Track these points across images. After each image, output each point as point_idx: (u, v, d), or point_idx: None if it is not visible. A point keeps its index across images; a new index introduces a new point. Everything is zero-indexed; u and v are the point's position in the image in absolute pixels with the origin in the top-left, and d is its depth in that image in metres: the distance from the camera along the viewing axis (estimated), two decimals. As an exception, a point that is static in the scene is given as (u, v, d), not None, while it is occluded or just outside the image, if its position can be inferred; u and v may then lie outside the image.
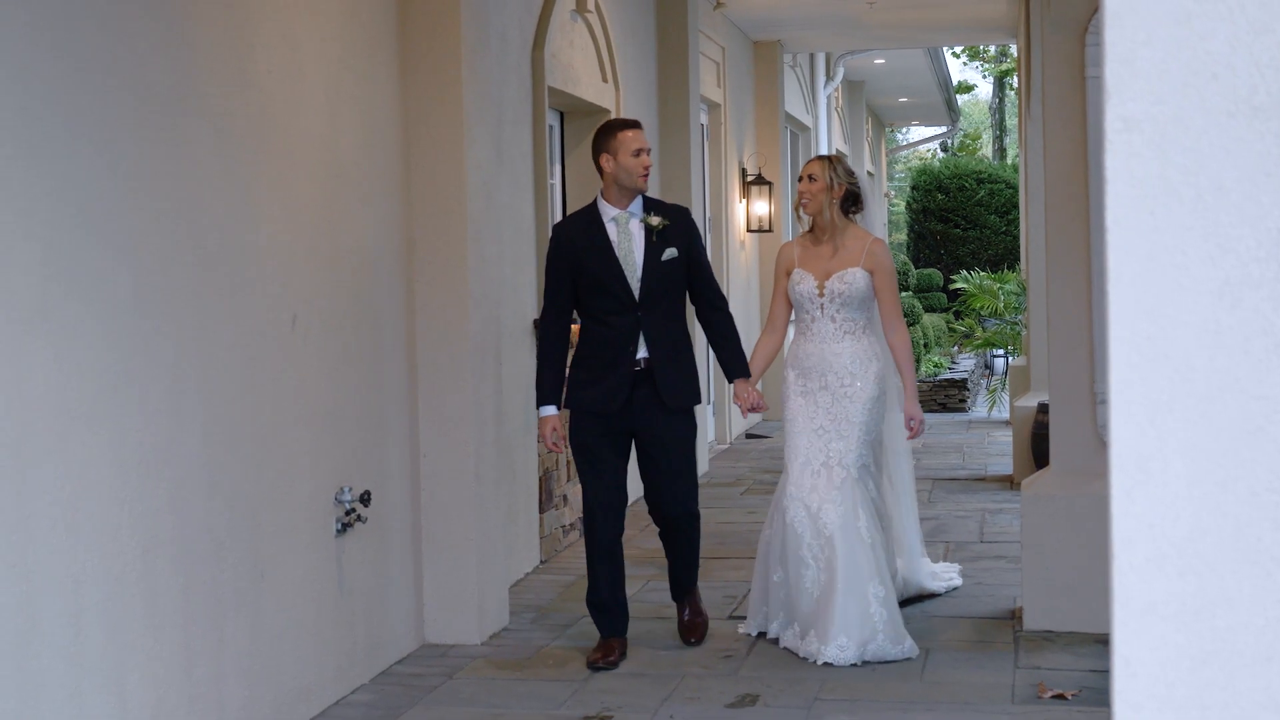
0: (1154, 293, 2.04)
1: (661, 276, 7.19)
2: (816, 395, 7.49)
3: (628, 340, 7.16)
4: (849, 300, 7.48)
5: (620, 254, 7.18)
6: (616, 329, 7.17)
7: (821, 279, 7.52)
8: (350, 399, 6.80)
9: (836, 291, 7.48)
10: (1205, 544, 2.03)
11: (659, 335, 7.19)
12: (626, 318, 7.17)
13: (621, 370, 7.17)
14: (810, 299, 7.54)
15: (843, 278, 7.48)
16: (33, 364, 4.61)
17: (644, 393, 7.20)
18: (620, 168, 7.18)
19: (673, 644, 7.50)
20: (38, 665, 4.62)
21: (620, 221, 7.23)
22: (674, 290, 7.28)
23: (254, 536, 5.95)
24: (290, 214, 6.27)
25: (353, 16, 6.93)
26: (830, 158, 7.63)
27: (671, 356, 7.22)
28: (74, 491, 4.80)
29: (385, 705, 6.63)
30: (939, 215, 31.20)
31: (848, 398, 7.44)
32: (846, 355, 7.49)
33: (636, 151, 7.19)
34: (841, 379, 7.47)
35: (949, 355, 24.23)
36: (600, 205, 7.29)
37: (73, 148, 4.84)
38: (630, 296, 7.17)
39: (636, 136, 7.23)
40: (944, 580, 8.54)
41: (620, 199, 7.25)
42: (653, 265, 7.17)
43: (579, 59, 10.74)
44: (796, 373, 7.58)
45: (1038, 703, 6.45)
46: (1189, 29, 2.01)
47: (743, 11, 15.73)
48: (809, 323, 7.59)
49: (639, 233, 7.22)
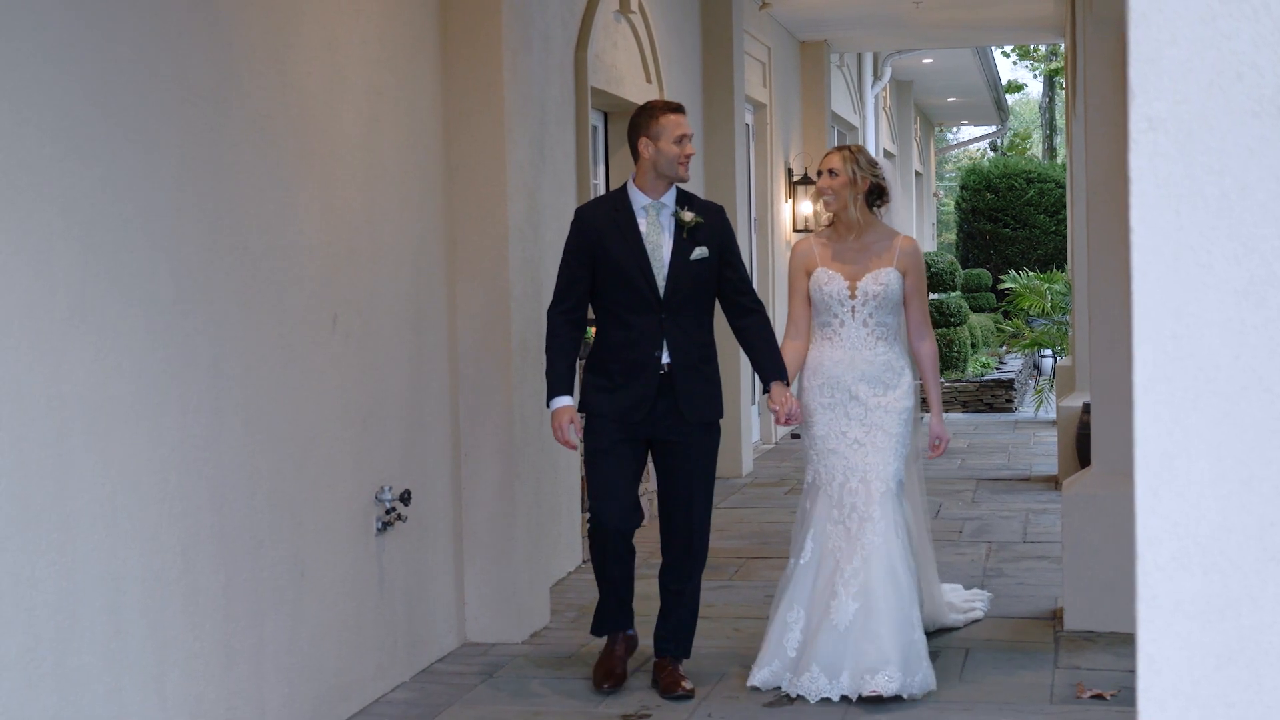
0: (1178, 292, 2.04)
1: (690, 276, 6.63)
2: (846, 407, 6.84)
3: (651, 344, 6.59)
4: (884, 303, 6.86)
5: (649, 246, 6.62)
6: (638, 331, 6.60)
7: (852, 279, 6.88)
8: (391, 398, 6.82)
9: (871, 293, 6.86)
10: (1230, 542, 2.03)
11: (683, 341, 6.62)
12: (649, 318, 6.61)
13: (646, 377, 6.60)
14: (839, 301, 6.88)
15: (877, 278, 6.86)
16: (73, 362, 4.64)
17: (666, 403, 6.64)
18: (660, 154, 6.62)
19: (711, 642, 7.49)
20: (78, 662, 4.66)
21: (651, 212, 6.67)
22: (701, 293, 6.70)
23: (294, 535, 5.98)
24: (331, 214, 6.30)
25: (394, 17, 6.95)
26: (850, 148, 7.02)
27: (695, 365, 6.65)
28: (114, 489, 4.84)
29: (425, 703, 6.65)
30: (988, 215, 31.08)
31: (882, 409, 6.81)
32: (880, 363, 6.86)
33: (679, 139, 6.63)
34: (874, 389, 6.83)
35: (996, 355, 24.15)
36: (631, 191, 6.72)
37: (114, 148, 4.87)
38: (654, 294, 6.60)
39: (680, 122, 6.68)
40: (962, 613, 7.84)
41: (654, 187, 6.68)
42: (681, 263, 6.61)
43: (622, 59, 10.75)
44: (820, 382, 6.90)
45: (1076, 703, 6.43)
46: (1214, 29, 2.01)
47: (788, 12, 15.71)
48: (836, 328, 6.91)
49: (669, 226, 6.67)
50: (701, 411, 6.69)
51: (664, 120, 6.65)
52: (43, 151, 4.53)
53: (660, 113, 6.69)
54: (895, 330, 6.95)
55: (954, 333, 21.85)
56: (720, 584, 8.86)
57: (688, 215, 6.64)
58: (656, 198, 6.69)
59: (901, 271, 6.90)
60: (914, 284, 6.96)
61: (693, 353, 6.65)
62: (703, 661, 7.18)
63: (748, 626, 7.79)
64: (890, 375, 6.87)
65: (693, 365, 6.64)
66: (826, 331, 6.95)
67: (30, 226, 4.46)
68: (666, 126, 6.63)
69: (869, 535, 6.63)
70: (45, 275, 4.53)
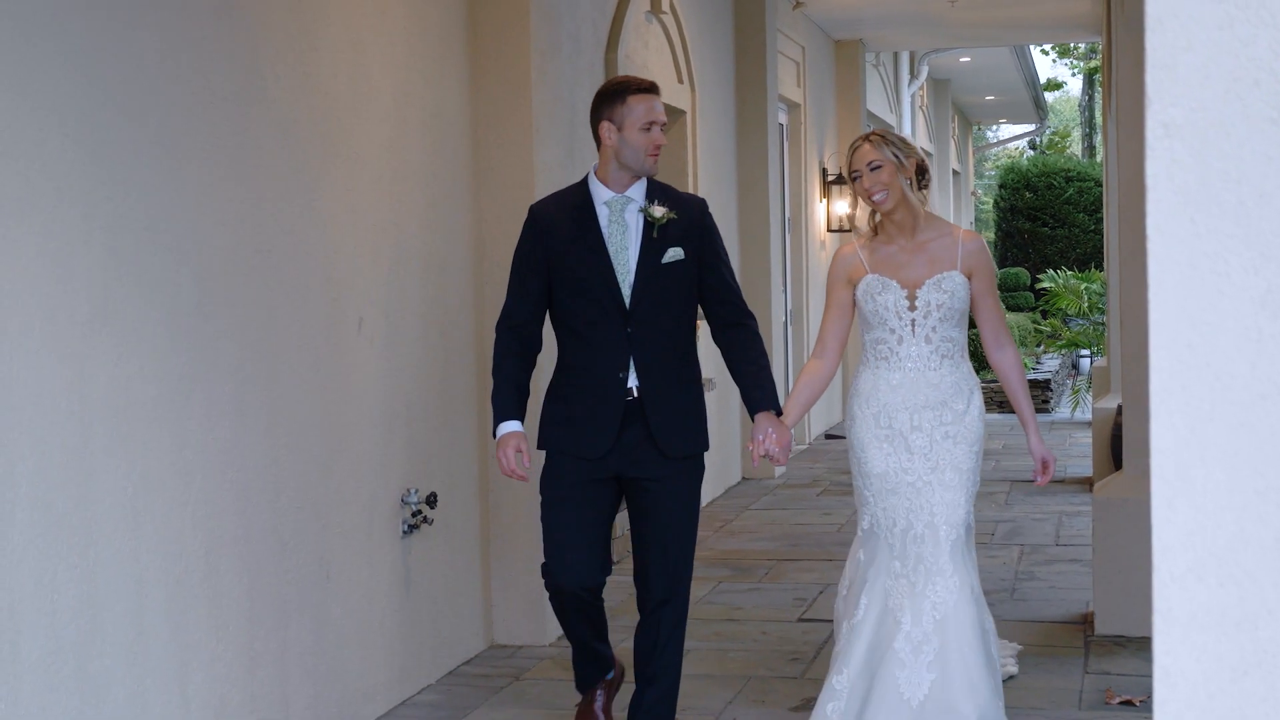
0: (1195, 300, 2.02)
1: (660, 282, 5.65)
2: (908, 438, 5.75)
3: (614, 362, 5.64)
4: (949, 314, 5.75)
5: (612, 248, 5.66)
6: (599, 347, 5.65)
7: (911, 286, 5.75)
8: (417, 401, 6.81)
9: (934, 303, 5.73)
10: (1247, 553, 2.01)
11: (653, 360, 5.66)
12: (613, 332, 5.64)
13: (610, 403, 5.64)
14: (896, 314, 5.75)
15: (940, 284, 5.74)
16: (95, 366, 4.65)
17: (635, 434, 5.65)
18: (624, 142, 5.62)
19: (738, 645, 7.46)
20: (100, 665, 4.66)
21: (614, 207, 5.70)
22: (676, 302, 5.71)
23: (319, 538, 5.98)
24: (356, 217, 6.30)
25: (421, 19, 6.94)
26: (875, 133, 5.88)
27: (668, 387, 5.69)
28: (136, 493, 4.84)
29: (452, 705, 6.64)
30: (1027, 214, 31.02)
31: (950, 439, 5.74)
32: (947, 384, 5.76)
33: (648, 125, 5.62)
34: (941, 415, 5.75)
35: (1033, 355, 24.08)
36: (592, 184, 5.75)
37: (136, 151, 4.87)
38: (618, 303, 5.63)
39: (651, 105, 5.65)
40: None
41: (618, 180, 5.69)
42: (649, 267, 5.63)
43: (654, 60, 10.73)
44: (874, 411, 5.81)
45: (1105, 709, 6.39)
46: (1231, 34, 1.99)
47: (823, 11, 15.68)
48: (893, 345, 5.77)
49: (636, 224, 5.69)
50: (677, 444, 5.70)
51: (631, 102, 5.64)
52: (65, 155, 4.53)
53: (628, 93, 5.66)
54: (961, 346, 5.85)
55: (990, 333, 21.78)
56: (749, 586, 8.84)
57: (657, 211, 5.65)
58: (621, 191, 5.71)
59: (967, 274, 5.77)
60: (983, 285, 5.82)
61: (666, 373, 5.69)
62: (730, 665, 7.16)
63: (776, 630, 7.77)
64: (959, 399, 5.79)
65: (666, 388, 5.69)
66: (881, 350, 5.82)
67: (52, 230, 4.47)
68: (633, 110, 5.63)
69: (940, 592, 5.65)
70: (67, 279, 4.53)
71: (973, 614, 5.61)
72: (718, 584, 8.90)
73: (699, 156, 11.66)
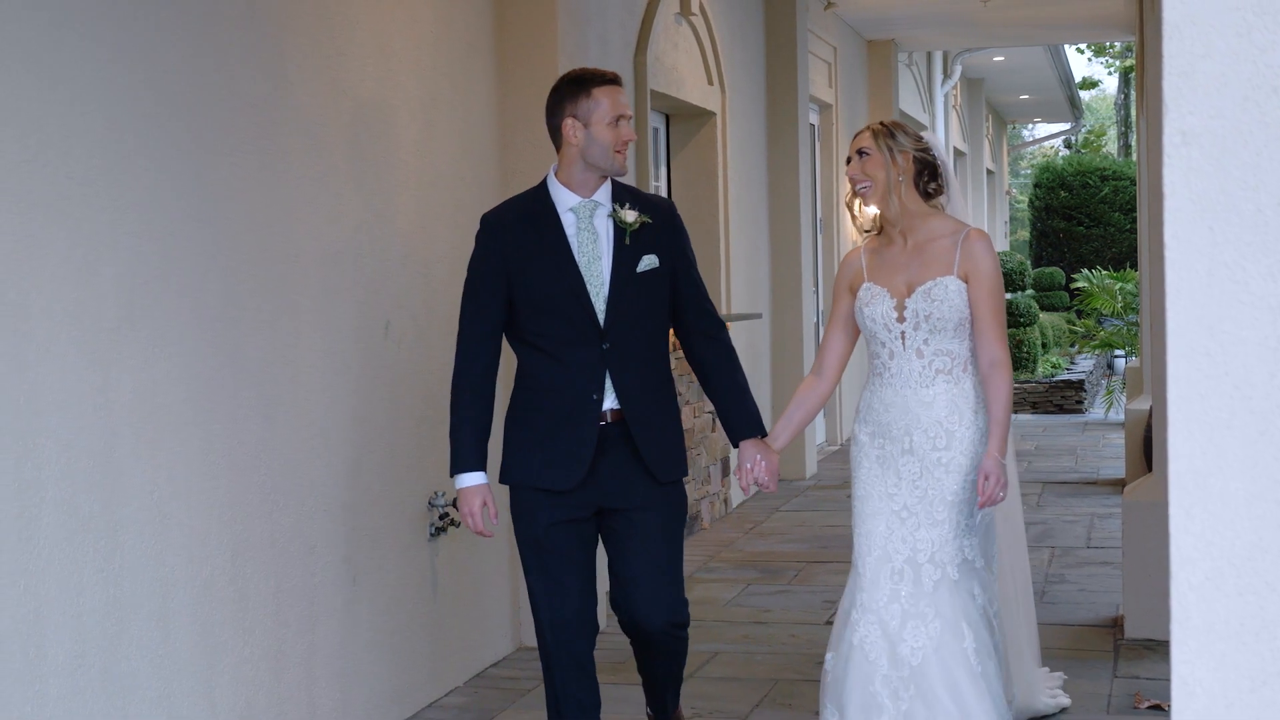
0: (1213, 309, 2.02)
1: (636, 293, 5.13)
2: (899, 462, 5.27)
3: (588, 383, 5.10)
4: (940, 324, 5.22)
5: (582, 259, 5.12)
6: (570, 366, 5.10)
7: (900, 296, 5.27)
8: (444, 404, 6.79)
9: (923, 313, 5.22)
10: (1265, 562, 2.01)
11: (632, 379, 5.14)
12: (585, 351, 5.10)
13: (584, 428, 5.10)
14: (885, 326, 5.27)
15: (929, 292, 5.21)
16: (122, 369, 4.66)
17: (613, 458, 5.14)
18: (592, 140, 5.11)
19: (766, 648, 7.45)
20: (127, 668, 4.68)
21: (581, 214, 5.16)
22: (653, 314, 5.20)
23: (347, 541, 5.99)
24: (384, 221, 6.31)
25: (448, 23, 6.95)
26: (883, 123, 5.41)
27: (651, 407, 5.19)
28: (163, 496, 4.85)
29: (479, 708, 6.65)
30: (1062, 213, 30.93)
31: (940, 465, 5.22)
32: (940, 405, 5.23)
33: (616, 119, 5.13)
34: (933, 439, 5.23)
35: (1067, 355, 24.01)
36: (553, 188, 5.21)
37: (163, 155, 4.89)
38: (592, 321, 5.10)
39: (617, 98, 5.15)
40: (1050, 698, 6.38)
41: (584, 183, 5.15)
42: (624, 277, 5.12)
43: (683, 61, 10.72)
44: (870, 430, 5.36)
45: (1134, 713, 6.36)
46: (1249, 42, 1.99)
47: (854, 11, 15.65)
48: (886, 360, 5.30)
49: (607, 231, 5.17)
50: (668, 467, 5.22)
51: (597, 95, 5.13)
52: (91, 160, 4.54)
53: (593, 85, 5.16)
54: (963, 359, 5.27)
55: (1023, 333, 21.74)
56: (779, 589, 8.82)
57: (629, 216, 5.14)
58: (588, 195, 5.17)
59: (963, 278, 5.21)
60: (980, 291, 5.21)
61: (647, 392, 5.19)
62: (757, 668, 7.15)
63: (804, 633, 7.75)
64: (955, 420, 5.24)
65: (649, 408, 5.19)
66: (876, 365, 5.36)
67: (79, 234, 4.49)
68: (600, 103, 5.12)
69: (919, 638, 5.18)
70: (94, 283, 4.55)
71: (958, 650, 5.13)
72: (746, 586, 8.89)
73: (729, 158, 11.65)
